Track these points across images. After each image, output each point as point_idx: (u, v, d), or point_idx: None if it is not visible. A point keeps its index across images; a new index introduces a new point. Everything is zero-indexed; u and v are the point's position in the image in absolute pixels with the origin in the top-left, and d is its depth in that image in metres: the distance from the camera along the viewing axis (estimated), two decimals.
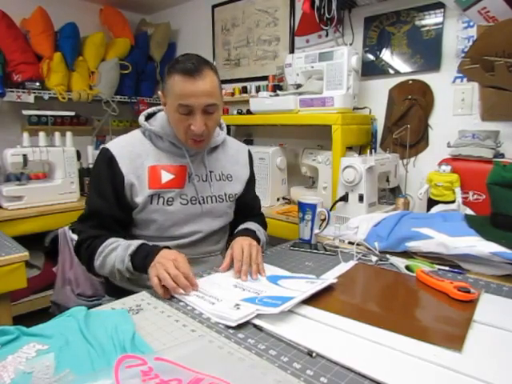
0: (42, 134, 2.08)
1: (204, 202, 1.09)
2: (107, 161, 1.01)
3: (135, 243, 0.94)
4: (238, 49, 2.57)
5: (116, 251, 0.95)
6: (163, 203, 1.03)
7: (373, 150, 1.59)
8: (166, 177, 1.03)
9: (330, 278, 0.90)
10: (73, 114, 2.51)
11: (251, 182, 1.24)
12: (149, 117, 1.12)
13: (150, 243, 0.97)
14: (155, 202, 1.03)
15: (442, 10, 1.65)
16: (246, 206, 1.22)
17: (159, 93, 1.06)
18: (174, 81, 0.96)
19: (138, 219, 1.05)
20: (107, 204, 1.01)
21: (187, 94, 0.94)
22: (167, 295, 0.83)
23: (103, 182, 1.01)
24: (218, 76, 1.02)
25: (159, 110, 1.13)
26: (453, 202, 1.46)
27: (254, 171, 1.27)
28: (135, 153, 1.03)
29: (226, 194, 1.14)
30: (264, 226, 1.24)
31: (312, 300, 0.79)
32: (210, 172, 1.12)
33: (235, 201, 1.19)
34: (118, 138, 1.09)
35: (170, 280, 0.81)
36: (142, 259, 0.90)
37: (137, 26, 3.04)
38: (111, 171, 1.00)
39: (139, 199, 1.01)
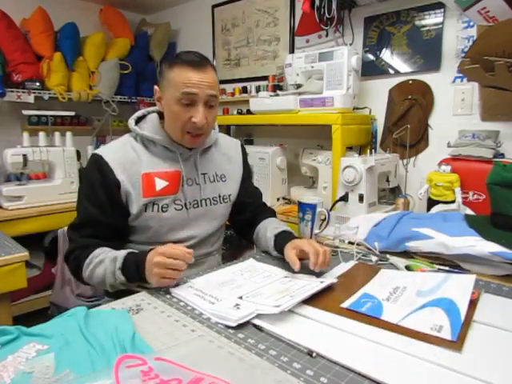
0: (42, 134, 2.08)
1: (198, 206, 1.08)
2: (100, 168, 0.97)
3: (120, 255, 0.91)
4: (238, 49, 2.58)
5: (104, 263, 0.92)
6: (158, 210, 1.01)
7: (373, 150, 1.59)
8: (160, 184, 1.01)
9: (329, 278, 0.90)
10: (73, 114, 2.50)
11: (247, 179, 1.23)
12: (138, 120, 1.09)
13: (136, 250, 0.95)
14: (150, 209, 1.00)
15: (442, 9, 1.65)
16: (250, 203, 1.21)
17: (155, 87, 1.03)
18: (176, 72, 0.95)
19: (132, 226, 1.03)
20: (103, 212, 0.97)
21: (192, 82, 0.94)
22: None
23: (97, 190, 0.97)
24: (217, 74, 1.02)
25: (148, 112, 1.10)
26: (453, 202, 1.46)
27: (250, 165, 1.26)
28: (129, 159, 1.00)
29: (220, 196, 1.13)
30: (275, 216, 1.25)
31: (312, 300, 0.79)
32: (204, 174, 1.10)
33: (234, 201, 1.18)
34: (108, 144, 1.06)
35: (178, 273, 0.84)
36: (134, 271, 0.88)
37: (137, 26, 3.04)
38: (106, 178, 0.97)
39: (134, 208, 0.99)
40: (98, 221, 0.98)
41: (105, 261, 0.92)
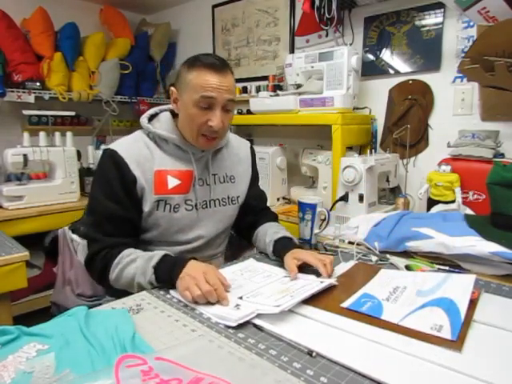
0: (42, 134, 2.08)
1: (207, 207, 1.08)
2: (116, 163, 0.96)
3: (158, 254, 0.90)
4: (238, 49, 2.58)
5: (135, 263, 0.90)
6: (170, 210, 1.01)
7: (373, 150, 1.59)
8: (172, 182, 1.01)
9: (330, 277, 0.90)
10: (73, 114, 2.50)
11: (255, 180, 1.24)
12: (151, 118, 1.07)
13: (167, 252, 0.92)
14: (161, 208, 1.00)
15: (442, 9, 1.65)
16: (254, 206, 1.22)
17: (172, 89, 1.01)
18: (195, 75, 0.94)
19: (143, 224, 1.02)
20: (123, 207, 0.96)
21: (212, 86, 0.93)
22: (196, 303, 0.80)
23: (114, 185, 0.95)
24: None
25: (161, 111, 1.09)
26: (453, 201, 1.46)
27: (257, 167, 1.26)
28: (143, 156, 0.99)
29: (229, 197, 1.13)
30: (277, 220, 1.25)
31: (312, 300, 0.79)
32: (214, 175, 1.10)
33: (242, 203, 1.18)
34: (121, 139, 1.03)
35: (201, 296, 0.77)
36: (168, 271, 0.85)
37: (137, 26, 3.04)
38: (121, 173, 0.95)
39: (147, 205, 0.98)
40: (119, 216, 0.96)
41: (137, 260, 0.91)
